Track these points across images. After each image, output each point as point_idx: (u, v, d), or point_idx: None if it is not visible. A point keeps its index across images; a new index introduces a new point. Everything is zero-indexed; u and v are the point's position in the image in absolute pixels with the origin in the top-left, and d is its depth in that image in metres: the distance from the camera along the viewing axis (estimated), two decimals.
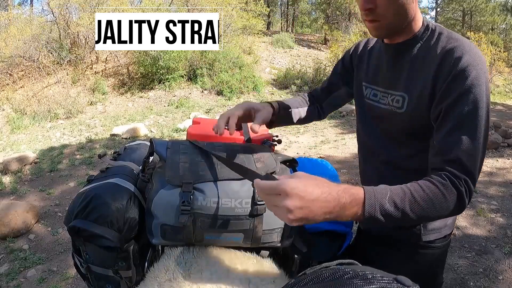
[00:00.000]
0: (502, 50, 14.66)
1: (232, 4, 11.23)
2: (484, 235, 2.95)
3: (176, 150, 0.88)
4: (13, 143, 6.68)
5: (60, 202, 3.90)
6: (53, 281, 2.61)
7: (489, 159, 4.83)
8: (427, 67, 0.81)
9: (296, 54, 13.54)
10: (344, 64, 1.11)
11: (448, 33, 0.82)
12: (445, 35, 0.82)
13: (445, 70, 0.77)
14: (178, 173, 0.82)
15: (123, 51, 10.26)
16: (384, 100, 0.92)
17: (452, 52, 0.77)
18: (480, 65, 0.76)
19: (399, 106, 0.87)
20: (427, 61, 0.82)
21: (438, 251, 0.96)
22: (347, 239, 1.04)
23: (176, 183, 0.80)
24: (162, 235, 0.82)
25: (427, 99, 0.80)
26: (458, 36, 0.81)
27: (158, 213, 0.80)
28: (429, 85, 0.80)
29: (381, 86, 0.94)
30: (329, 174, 1.18)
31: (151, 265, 0.88)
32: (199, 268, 0.79)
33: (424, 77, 0.81)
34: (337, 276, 0.44)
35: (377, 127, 0.98)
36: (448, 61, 0.77)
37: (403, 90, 0.87)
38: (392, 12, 0.80)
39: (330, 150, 5.38)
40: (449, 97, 0.76)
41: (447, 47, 0.79)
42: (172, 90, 9.31)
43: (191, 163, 0.84)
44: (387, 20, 0.81)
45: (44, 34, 9.91)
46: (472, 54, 0.76)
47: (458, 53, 0.76)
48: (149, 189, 0.85)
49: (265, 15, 16.41)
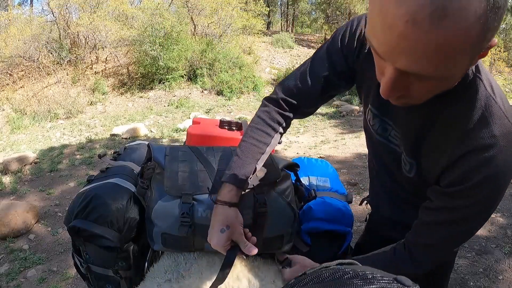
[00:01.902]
0: (502, 50, 14.67)
1: (232, 4, 11.22)
2: (484, 235, 2.95)
3: (175, 157, 0.87)
4: (13, 143, 6.67)
5: (60, 202, 3.89)
6: (53, 281, 2.61)
7: None
8: (448, 137, 0.64)
9: (296, 54, 13.53)
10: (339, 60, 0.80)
11: (487, 96, 0.60)
12: (484, 98, 0.60)
13: (469, 155, 0.61)
14: (177, 183, 0.81)
15: (123, 51, 10.27)
16: (396, 140, 0.76)
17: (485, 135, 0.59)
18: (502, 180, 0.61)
19: (407, 169, 0.75)
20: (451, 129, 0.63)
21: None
22: (347, 239, 1.04)
23: (175, 194, 0.79)
24: (163, 242, 0.82)
25: (438, 170, 0.67)
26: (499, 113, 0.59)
27: (158, 222, 0.80)
28: (444, 158, 0.65)
29: (393, 121, 0.74)
30: (329, 174, 1.19)
31: (151, 265, 0.88)
32: (199, 268, 0.79)
33: (443, 149, 0.65)
34: (337, 276, 0.44)
35: (383, 159, 0.85)
36: (478, 148, 0.60)
37: (413, 156, 0.71)
38: (425, 97, 0.56)
39: (330, 150, 5.38)
40: (457, 186, 0.63)
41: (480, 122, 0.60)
42: (172, 90, 9.31)
43: (190, 172, 0.83)
44: (416, 101, 0.57)
45: (44, 34, 9.91)
46: (503, 163, 0.59)
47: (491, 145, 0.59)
48: (148, 196, 0.85)
49: (265, 15, 16.41)
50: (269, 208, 0.83)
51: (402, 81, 0.52)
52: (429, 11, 0.41)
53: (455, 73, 0.50)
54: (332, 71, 0.81)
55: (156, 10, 9.66)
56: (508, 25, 19.94)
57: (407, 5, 0.42)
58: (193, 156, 0.88)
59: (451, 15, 0.41)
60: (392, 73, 0.51)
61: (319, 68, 0.82)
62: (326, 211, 0.99)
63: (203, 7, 10.67)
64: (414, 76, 0.50)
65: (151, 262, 0.90)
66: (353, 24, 0.77)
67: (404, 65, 0.48)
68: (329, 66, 0.81)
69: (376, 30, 0.48)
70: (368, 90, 0.78)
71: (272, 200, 0.84)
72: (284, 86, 0.87)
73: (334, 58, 0.80)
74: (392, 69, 0.50)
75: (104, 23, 9.79)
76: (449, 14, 0.41)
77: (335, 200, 1.04)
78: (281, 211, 0.86)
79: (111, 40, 10.00)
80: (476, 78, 0.60)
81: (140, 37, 9.39)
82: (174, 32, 9.23)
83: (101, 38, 9.94)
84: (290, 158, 3.09)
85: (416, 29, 0.42)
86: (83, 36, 10.03)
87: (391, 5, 0.43)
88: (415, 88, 0.53)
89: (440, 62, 0.46)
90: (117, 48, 10.26)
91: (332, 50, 0.80)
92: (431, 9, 0.41)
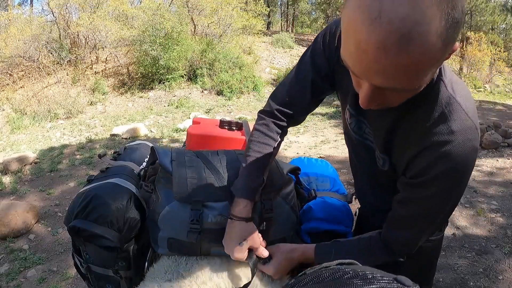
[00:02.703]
0: (502, 50, 14.67)
1: (232, 4, 11.22)
2: (484, 235, 2.95)
3: (182, 162, 0.87)
4: (13, 143, 6.68)
5: (60, 202, 3.90)
6: (53, 281, 2.61)
7: (489, 159, 4.83)
8: (412, 135, 0.69)
9: (296, 54, 13.53)
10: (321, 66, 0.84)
11: (448, 99, 0.65)
12: (444, 101, 0.65)
13: (428, 150, 0.66)
14: (186, 189, 0.81)
15: (123, 51, 10.27)
16: (370, 137, 0.82)
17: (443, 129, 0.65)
18: (465, 162, 0.65)
19: (381, 164, 0.80)
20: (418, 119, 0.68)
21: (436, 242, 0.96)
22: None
23: (185, 201, 0.80)
24: (168, 247, 0.82)
25: (404, 165, 0.72)
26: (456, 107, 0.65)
27: (165, 227, 0.80)
28: (406, 155, 0.71)
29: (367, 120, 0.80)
30: (329, 174, 1.18)
31: (151, 265, 0.88)
32: (199, 268, 0.79)
33: (407, 147, 0.71)
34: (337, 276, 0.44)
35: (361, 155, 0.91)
36: (436, 140, 0.65)
37: (384, 151, 0.77)
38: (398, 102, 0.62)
39: (330, 150, 5.38)
40: (419, 178, 0.68)
41: (440, 118, 0.65)
42: (172, 90, 9.31)
43: (198, 178, 0.84)
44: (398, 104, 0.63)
45: (44, 34, 9.92)
46: (463, 148, 0.64)
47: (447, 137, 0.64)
48: (154, 200, 0.84)
49: (265, 15, 16.42)
50: (275, 213, 0.85)
51: (379, 94, 0.56)
52: (397, 37, 0.46)
53: (426, 81, 0.56)
54: (317, 75, 0.84)
55: (157, 11, 9.66)
56: (508, 25, 19.95)
57: (376, 34, 0.46)
58: (199, 161, 0.88)
59: (416, 39, 0.46)
60: (368, 88, 0.56)
61: (305, 74, 0.85)
62: (326, 211, 0.99)
63: (203, 7, 10.67)
64: (389, 89, 0.55)
65: (151, 262, 0.90)
66: (332, 26, 0.81)
67: (379, 83, 0.53)
68: (314, 70, 0.84)
69: (350, 53, 0.52)
70: (347, 90, 0.81)
71: (278, 205, 0.87)
72: (277, 96, 0.91)
73: (318, 62, 0.83)
74: (368, 85, 0.55)
75: (104, 23, 9.79)
76: (415, 37, 0.46)
77: (335, 200, 1.04)
78: (286, 215, 0.88)
79: (111, 40, 10.01)
80: (439, 80, 0.66)
81: (140, 37, 9.40)
82: (174, 32, 9.23)
83: (101, 38, 9.94)
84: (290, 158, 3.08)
85: (386, 54, 0.47)
86: (83, 36, 10.03)
87: (363, 33, 0.47)
88: (392, 97, 0.58)
89: (411, 77, 0.51)
90: (117, 48, 10.27)
91: (315, 53, 0.83)
92: (398, 36, 0.46)
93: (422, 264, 0.96)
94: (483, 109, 8.97)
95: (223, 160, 0.90)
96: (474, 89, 11.90)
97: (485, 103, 10.04)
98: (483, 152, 5.06)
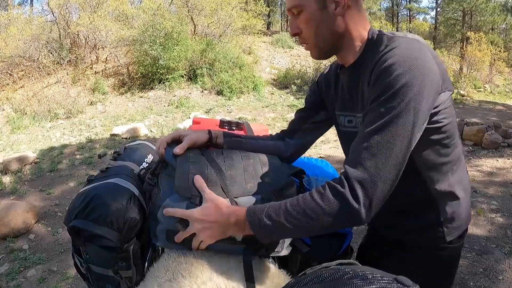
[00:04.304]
0: (502, 50, 14.67)
1: (232, 4, 11.22)
2: (484, 235, 2.95)
3: (186, 157, 0.88)
4: (13, 143, 6.68)
5: (60, 202, 3.90)
6: (53, 281, 2.61)
7: (489, 159, 4.83)
8: (365, 79, 0.78)
9: (296, 54, 13.53)
10: (315, 93, 1.05)
11: (389, 39, 0.76)
12: (384, 41, 0.76)
13: (374, 72, 0.73)
14: (187, 184, 0.82)
15: (123, 51, 10.27)
16: (348, 124, 0.93)
17: (383, 53, 0.73)
18: (408, 66, 0.69)
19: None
20: (365, 73, 0.78)
21: (457, 250, 0.94)
22: (347, 239, 1.04)
23: (185, 195, 0.81)
24: (167, 238, 0.83)
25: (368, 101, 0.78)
26: (397, 39, 0.75)
27: (164, 219, 0.81)
28: (367, 96, 0.77)
29: (342, 110, 0.94)
30: (329, 174, 1.18)
31: (151, 265, 0.88)
32: (199, 268, 0.79)
33: (365, 90, 0.79)
34: (337, 276, 0.44)
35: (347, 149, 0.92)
36: (379, 64, 0.73)
37: (361, 110, 0.83)
38: (313, 34, 0.81)
39: (330, 150, 5.38)
40: (370, 98, 0.73)
41: (381, 51, 0.74)
42: (172, 90, 9.31)
43: (201, 174, 0.84)
44: (312, 42, 0.83)
45: (44, 34, 9.92)
46: (403, 53, 0.70)
47: (387, 53, 0.72)
48: (155, 193, 0.85)
49: (265, 15, 16.41)
50: None
51: (294, 22, 0.83)
52: None
53: (306, 3, 0.78)
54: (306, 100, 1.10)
55: (157, 11, 9.66)
56: (508, 25, 19.95)
57: None
58: (203, 159, 0.89)
59: None
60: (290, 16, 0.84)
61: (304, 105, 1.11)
62: None
63: (203, 7, 10.67)
64: (294, 15, 0.81)
65: (151, 262, 0.90)
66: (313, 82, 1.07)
67: (287, 6, 0.82)
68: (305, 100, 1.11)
69: None
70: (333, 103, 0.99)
71: None
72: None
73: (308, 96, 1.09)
74: (289, 14, 0.84)
75: (104, 23, 9.79)
76: None
77: None
78: None
79: (111, 40, 10.01)
80: (381, 34, 0.80)
81: (140, 37, 9.40)
82: (174, 32, 9.23)
83: (101, 38, 9.94)
84: None
85: None
86: (83, 36, 10.04)
87: None
88: (300, 25, 0.82)
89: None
90: (117, 48, 10.27)
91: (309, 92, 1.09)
92: None
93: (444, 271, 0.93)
94: (483, 109, 8.98)
95: (228, 159, 0.90)
96: (474, 89, 11.89)
97: (485, 103, 10.04)
98: (483, 152, 5.06)
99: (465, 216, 0.92)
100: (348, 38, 0.83)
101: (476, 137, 5.32)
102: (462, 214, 0.91)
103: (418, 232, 0.91)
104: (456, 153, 0.88)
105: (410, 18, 28.37)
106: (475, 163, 4.68)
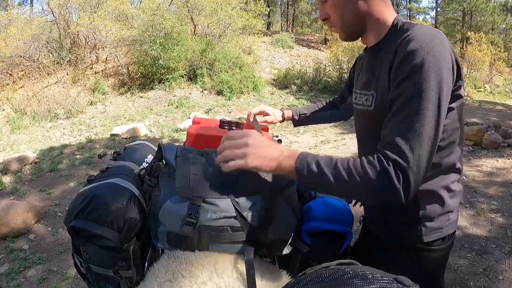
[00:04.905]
0: (502, 50, 14.68)
1: (232, 4, 11.22)
2: (484, 235, 2.95)
3: (186, 158, 0.88)
4: (13, 143, 6.68)
5: (60, 202, 3.90)
6: (53, 281, 2.61)
7: (489, 159, 4.83)
8: (386, 60, 0.83)
9: (296, 54, 13.54)
10: (350, 76, 1.24)
11: (412, 26, 0.82)
12: (408, 28, 0.82)
13: (397, 57, 0.78)
14: (188, 185, 0.82)
15: (123, 51, 10.27)
16: (360, 101, 0.96)
17: (406, 38, 0.78)
18: (430, 50, 0.74)
19: (369, 104, 0.90)
20: (387, 55, 0.84)
21: (440, 253, 0.95)
22: (347, 239, 1.04)
23: (186, 196, 0.81)
24: (168, 241, 0.83)
25: (387, 91, 0.81)
26: (419, 27, 0.81)
27: (165, 221, 0.81)
28: (387, 76, 0.81)
29: (358, 88, 0.99)
30: None
31: (151, 265, 0.88)
32: (199, 268, 0.79)
33: (384, 71, 0.83)
34: (337, 276, 0.44)
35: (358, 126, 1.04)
36: (401, 47, 0.78)
37: (373, 89, 0.89)
38: (339, 17, 0.90)
39: (330, 150, 5.38)
40: (396, 82, 0.77)
41: (403, 36, 0.79)
42: (172, 90, 9.31)
43: (201, 175, 0.84)
44: (339, 25, 0.92)
45: (44, 34, 9.92)
46: (424, 39, 0.75)
47: (410, 38, 0.77)
48: (156, 195, 0.85)
49: (265, 15, 16.41)
50: (275, 213, 0.85)
51: (322, 8, 0.91)
52: None
53: None
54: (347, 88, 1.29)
55: (157, 11, 9.66)
56: (508, 25, 19.95)
57: None
58: (203, 159, 0.89)
59: None
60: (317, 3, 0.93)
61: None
62: (326, 211, 0.99)
63: (203, 7, 10.67)
64: (322, 1, 0.91)
65: (151, 262, 0.90)
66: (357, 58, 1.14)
67: None
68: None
69: None
70: (356, 82, 1.05)
71: (279, 206, 0.87)
72: None
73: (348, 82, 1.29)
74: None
75: (104, 23, 9.79)
76: None
77: (335, 200, 1.04)
78: (287, 217, 0.89)
79: (111, 40, 10.00)
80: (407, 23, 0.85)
81: (140, 37, 9.39)
82: (174, 32, 9.23)
83: (101, 38, 9.94)
84: None
85: None
86: (83, 36, 10.03)
87: None
88: (328, 10, 0.90)
89: None
90: (117, 48, 10.26)
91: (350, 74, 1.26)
92: None
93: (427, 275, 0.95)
94: (483, 109, 8.98)
95: None
96: (474, 89, 11.89)
97: (485, 103, 10.04)
98: (483, 152, 5.06)
99: (448, 221, 0.93)
100: (372, 20, 0.89)
101: (476, 137, 5.32)
102: (445, 218, 0.92)
103: (397, 228, 0.94)
104: (451, 158, 0.88)
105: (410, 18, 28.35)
106: (475, 163, 4.68)
